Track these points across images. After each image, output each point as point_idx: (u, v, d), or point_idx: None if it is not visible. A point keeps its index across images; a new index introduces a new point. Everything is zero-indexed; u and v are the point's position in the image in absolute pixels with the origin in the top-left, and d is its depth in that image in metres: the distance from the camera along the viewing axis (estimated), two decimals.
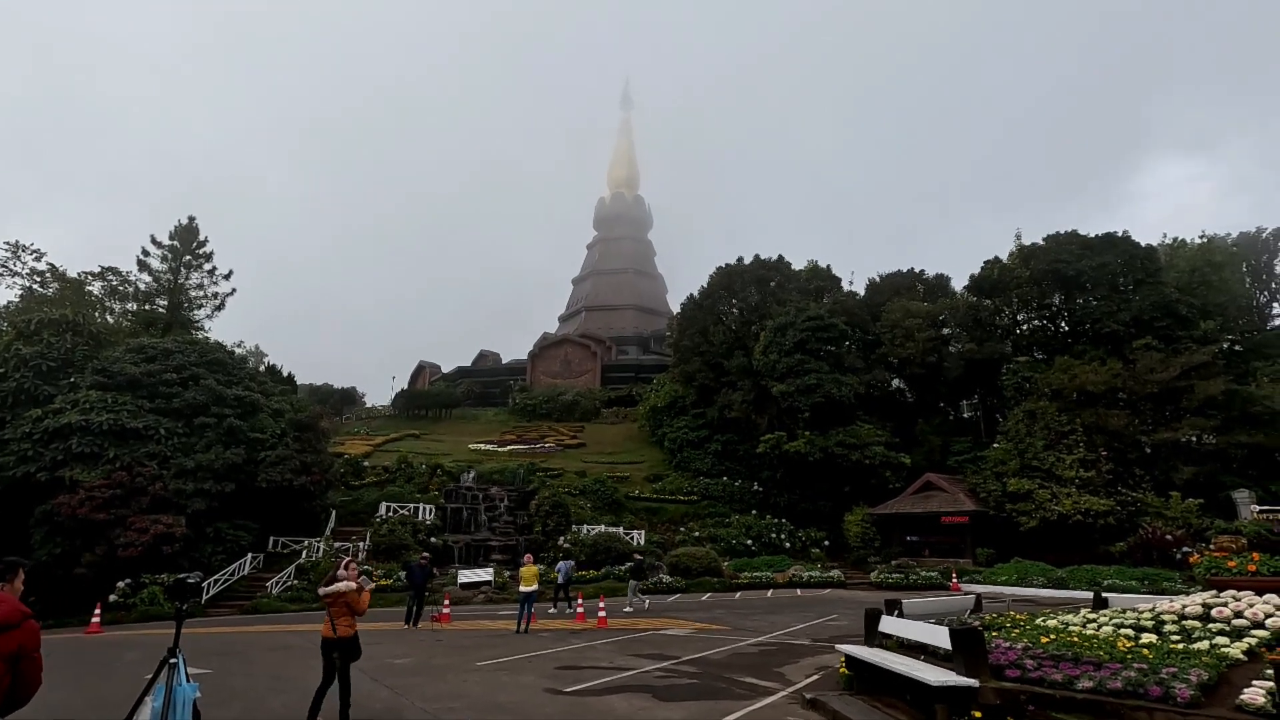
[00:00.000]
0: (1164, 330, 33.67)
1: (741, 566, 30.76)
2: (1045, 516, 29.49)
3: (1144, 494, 29.53)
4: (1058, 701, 5.92)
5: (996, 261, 41.41)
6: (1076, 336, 37.23)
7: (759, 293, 44.96)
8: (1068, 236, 37.93)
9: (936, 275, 47.05)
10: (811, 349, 37.76)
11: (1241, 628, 6.90)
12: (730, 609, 20.83)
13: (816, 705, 8.04)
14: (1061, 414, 31.98)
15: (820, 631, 15.34)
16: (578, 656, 12.21)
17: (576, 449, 49.23)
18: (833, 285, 46.48)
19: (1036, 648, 6.92)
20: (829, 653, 12.32)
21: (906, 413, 42.52)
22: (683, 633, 15.47)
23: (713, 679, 10.02)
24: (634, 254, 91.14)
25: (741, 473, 41.50)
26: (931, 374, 40.71)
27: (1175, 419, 31.38)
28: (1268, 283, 53.47)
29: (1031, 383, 34.80)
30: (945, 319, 41.53)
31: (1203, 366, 31.48)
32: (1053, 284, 37.47)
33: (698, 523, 36.77)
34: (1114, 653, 6.49)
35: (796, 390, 36.63)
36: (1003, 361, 38.39)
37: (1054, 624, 8.34)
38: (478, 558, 29.76)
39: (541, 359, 71.75)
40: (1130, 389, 31.68)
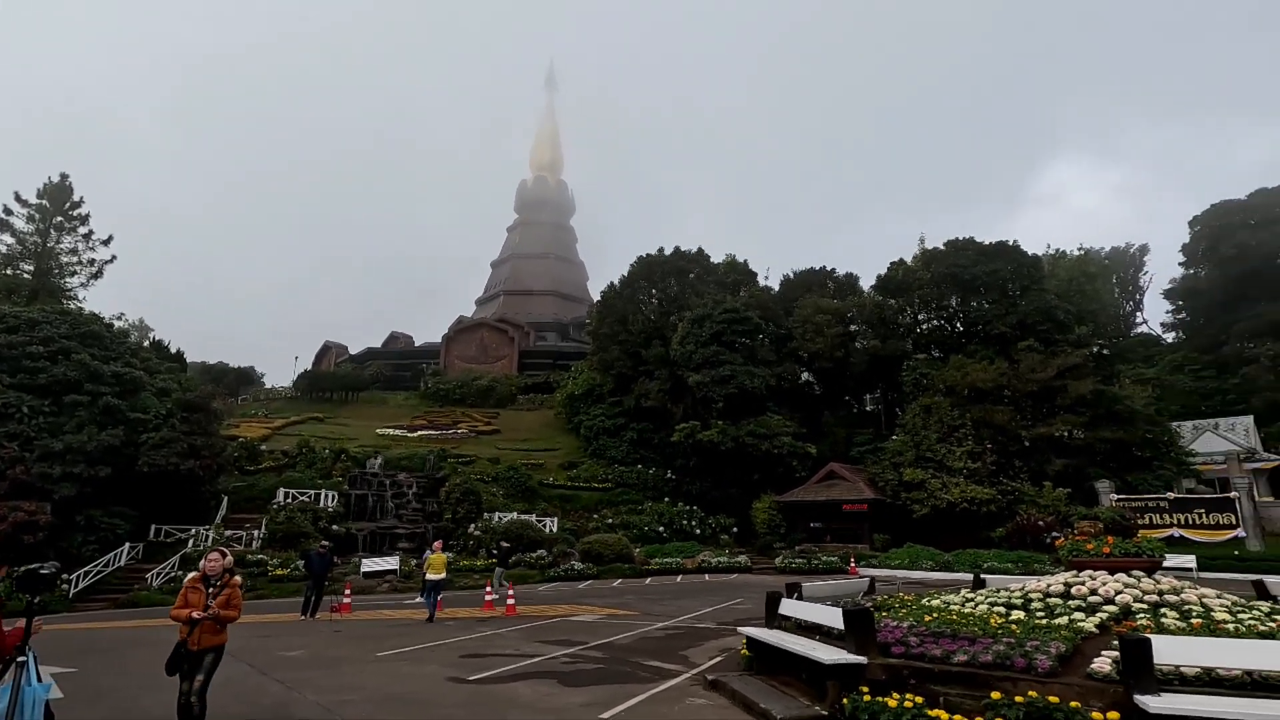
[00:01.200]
0: (1044, 334, 36.52)
1: (653, 553, 31.21)
2: (936, 504, 31.45)
3: (1022, 484, 32.00)
4: (935, 675, 6.35)
5: (901, 263, 43.67)
6: (970, 337, 39.78)
7: (678, 284, 45.54)
8: (965, 243, 40.40)
9: (846, 274, 49.10)
10: (727, 341, 38.62)
11: (1095, 604, 7.60)
12: (640, 594, 21.11)
13: (717, 686, 8.27)
14: (954, 409, 34.13)
15: (725, 615, 15.78)
16: (484, 644, 12.05)
17: (491, 435, 48.43)
18: (749, 280, 47.66)
19: (920, 626, 7.37)
20: (732, 635, 12.70)
21: (814, 405, 44.27)
22: (592, 618, 15.55)
23: (619, 663, 10.13)
24: (555, 239, 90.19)
25: (656, 461, 42.05)
26: (839, 368, 42.53)
27: (1051, 415, 34.13)
28: (1133, 293, 59.14)
29: (929, 379, 36.95)
30: (853, 316, 43.41)
31: (1075, 368, 34.36)
32: (950, 287, 39.87)
33: (611, 510, 37.01)
34: (987, 629, 7.01)
35: (712, 381, 37.40)
36: (904, 358, 40.55)
37: (937, 604, 8.91)
38: (383, 546, 28.80)
39: (456, 343, 69.96)
40: (1014, 387, 34.20)
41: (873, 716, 6.17)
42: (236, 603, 6.27)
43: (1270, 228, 43.27)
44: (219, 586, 6.18)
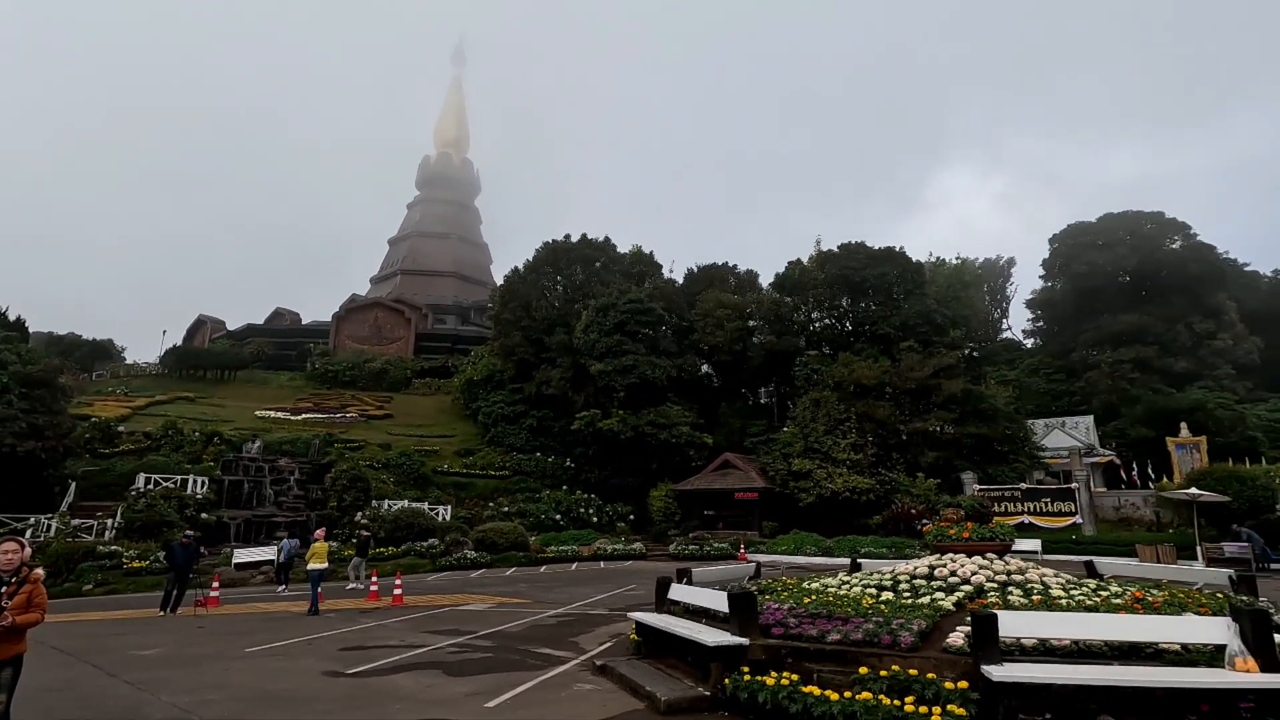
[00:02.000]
0: (924, 336, 39.22)
1: (549, 541, 31.09)
2: (821, 493, 33.17)
3: (898, 474, 34.32)
4: (811, 653, 6.71)
5: (798, 263, 45.52)
6: (858, 336, 42.08)
7: (584, 272, 45.37)
8: (856, 246, 42.64)
9: (747, 271, 50.56)
10: (630, 331, 38.90)
11: (954, 584, 8.28)
12: (534, 582, 20.98)
13: (605, 671, 8.36)
14: (841, 403, 36.03)
15: (618, 602, 15.96)
16: (365, 636, 11.58)
17: (383, 420, 46.47)
18: (654, 271, 48.14)
19: (799, 608, 7.75)
20: (623, 621, 12.84)
21: (712, 396, 45.42)
22: (483, 607, 15.29)
23: (508, 651, 10.02)
24: (458, 219, 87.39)
25: (555, 449, 41.86)
26: (737, 361, 43.84)
27: (926, 412, 36.75)
28: (1000, 302, 64.57)
29: (819, 375, 38.80)
30: (752, 312, 44.82)
31: (949, 369, 37.16)
32: (842, 288, 41.98)
33: (508, 498, 36.53)
34: (859, 609, 7.47)
35: (614, 370, 37.59)
36: (797, 354, 42.34)
37: (816, 586, 9.40)
38: (259, 535, 27.02)
39: (349, 322, 66.52)
40: (895, 384, 36.54)
41: (752, 695, 6.43)
42: (40, 602, 5.13)
43: (1113, 249, 48.46)
44: (15, 584, 5.03)
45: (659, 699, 6.80)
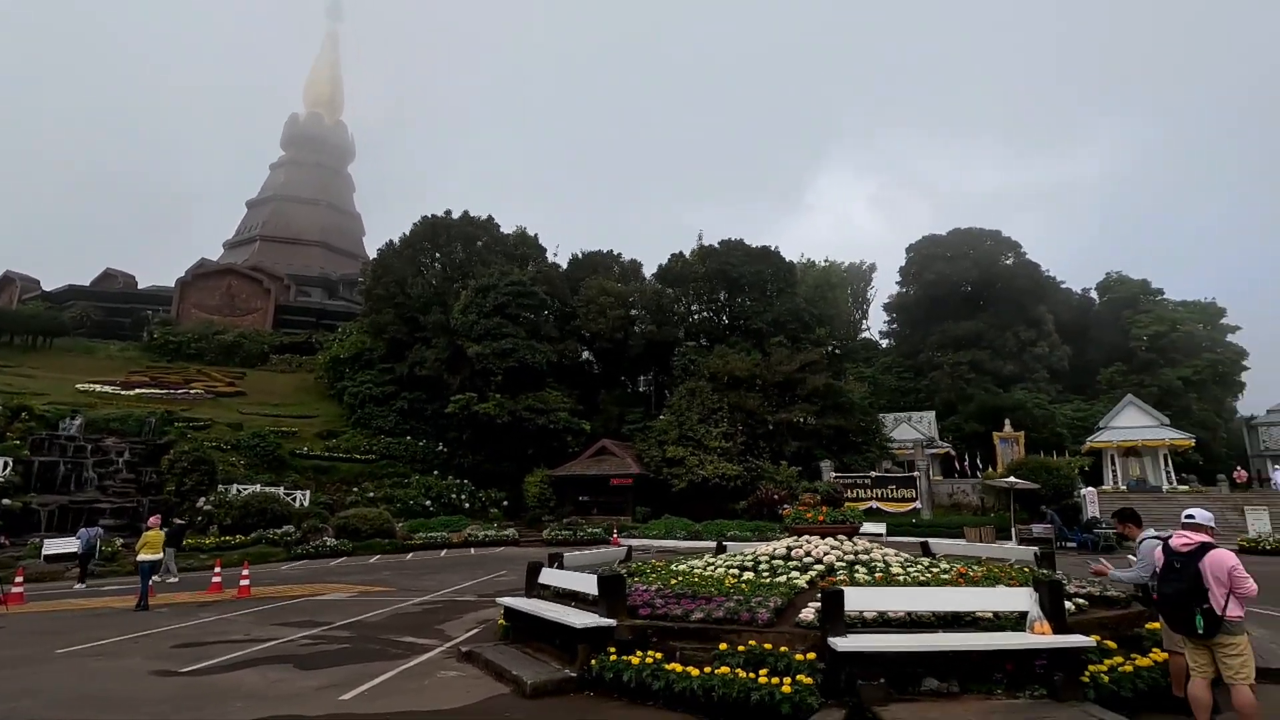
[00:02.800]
0: (793, 332, 41.50)
1: (417, 527, 30.02)
2: (693, 479, 34.34)
3: (764, 462, 36.20)
4: (676, 632, 6.96)
5: (681, 256, 46.57)
6: (733, 329, 43.81)
7: (465, 250, 43.94)
8: (736, 244, 44.28)
9: (631, 260, 51.10)
10: (511, 314, 38.20)
11: (808, 564, 8.90)
12: (399, 570, 20.21)
13: (471, 657, 8.23)
14: (714, 394, 37.42)
15: (488, 588, 15.73)
16: (204, 631, 10.66)
17: (234, 398, 42.71)
18: (538, 254, 47.48)
19: (666, 589, 8.01)
20: (493, 607, 12.66)
21: (592, 383, 45.63)
22: (342, 597, 14.53)
23: (368, 641, 9.60)
24: (329, 185, 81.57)
25: (428, 432, 40.40)
26: (618, 349, 44.27)
27: (791, 403, 38.98)
28: (861, 304, 69.43)
29: (696, 365, 40.03)
30: (634, 301, 45.38)
31: (814, 364, 39.59)
32: (721, 283, 43.49)
33: (374, 483, 34.85)
34: (722, 588, 7.84)
35: (492, 353, 36.78)
36: (676, 345, 43.44)
37: (683, 568, 9.75)
38: (78, 523, 23.99)
39: (197, 289, 60.42)
40: (764, 377, 38.41)
41: (617, 674, 6.58)
42: None
43: (959, 261, 53.57)
44: None
45: (524, 682, 6.79)
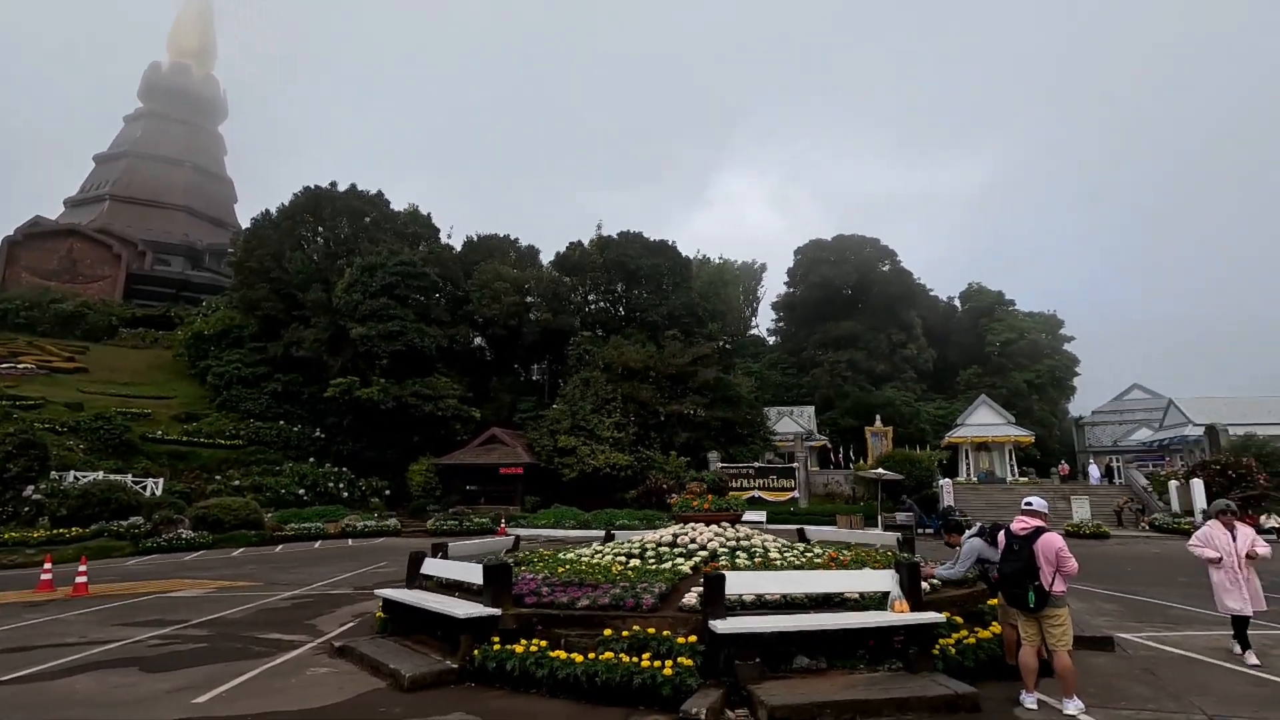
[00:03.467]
0: (686, 326, 42.44)
1: (289, 518, 28.20)
2: (584, 469, 34.43)
3: (654, 452, 36.88)
4: (561, 619, 6.96)
5: (579, 245, 46.34)
6: (629, 321, 44.18)
7: (351, 225, 41.57)
8: (634, 236, 44.63)
9: (529, 246, 50.30)
10: (400, 295, 36.61)
11: (693, 550, 9.16)
12: (267, 563, 18.91)
13: (344, 652, 7.85)
14: (608, 384, 37.66)
15: (366, 580, 15.05)
16: (33, 634, 9.50)
17: (73, 375, 38.29)
18: (431, 234, 45.76)
19: (553, 577, 7.98)
20: (370, 600, 12.15)
21: (484, 369, 44.63)
22: (198, 593, 13.41)
23: (229, 640, 8.93)
24: (195, 144, 74.43)
25: (304, 417, 38.05)
26: (512, 336, 43.51)
27: (683, 396, 39.90)
28: (751, 302, 72.07)
29: (591, 355, 40.08)
30: (530, 288, 44.73)
31: (705, 358, 40.69)
32: (618, 274, 43.70)
33: (241, 470, 32.44)
34: (609, 575, 7.92)
35: (378, 335, 35.11)
36: (571, 334, 43.26)
37: (571, 556, 9.76)
38: None
39: (30, 250, 53.52)
40: (658, 369, 39.06)
41: (500, 664, 6.51)
42: None
43: (841, 266, 56.80)
44: None
45: (402, 676, 6.57)
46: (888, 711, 5.62)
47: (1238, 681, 6.68)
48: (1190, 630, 9.21)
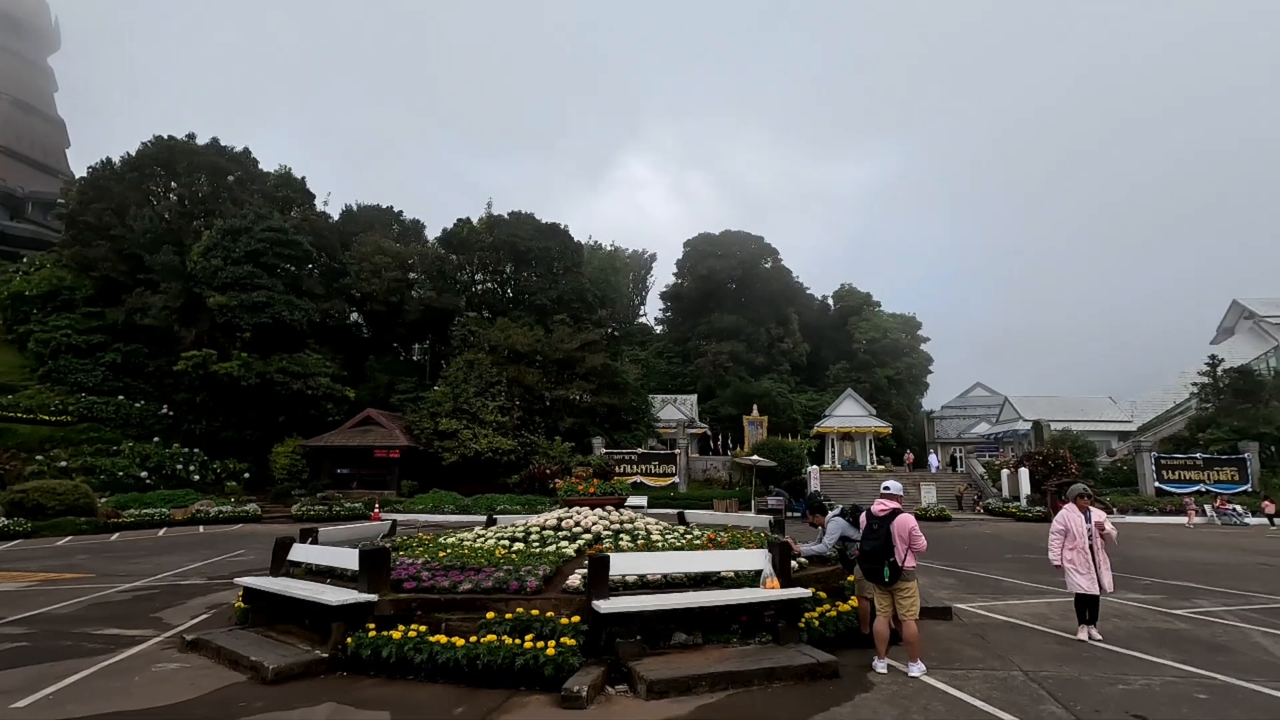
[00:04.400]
0: (576, 311, 42.35)
1: (128, 503, 25.55)
2: (465, 453, 33.61)
3: (539, 437, 36.65)
4: (442, 604, 6.82)
5: (467, 222, 44.94)
6: (517, 303, 43.48)
7: (211, 183, 37.90)
8: (526, 217, 43.86)
9: (413, 220, 48.19)
10: (268, 263, 33.91)
11: (578, 533, 9.25)
12: (101, 553, 17.03)
13: (198, 646, 7.26)
14: (494, 367, 36.91)
15: (221, 569, 13.95)
16: None
17: None
18: (305, 200, 42.66)
19: (434, 561, 7.78)
20: (227, 590, 11.34)
21: (360, 347, 42.39)
22: (15, 586, 11.86)
23: (55, 638, 7.99)
24: (19, 76, 64.83)
25: (148, 392, 34.48)
26: (392, 314, 41.55)
27: (569, 381, 39.88)
28: (640, 290, 72.97)
29: (476, 337, 39.08)
30: (414, 264, 42.90)
31: (594, 344, 40.86)
32: (508, 255, 42.83)
33: (69, 450, 28.98)
34: (492, 559, 7.83)
35: (241, 305, 32.37)
36: (456, 314, 41.95)
37: (452, 541, 9.54)
38: None
39: None
40: (545, 353, 38.78)
41: (375, 651, 6.28)
42: None
43: (727, 260, 58.76)
44: None
45: (265, 667, 6.18)
46: (758, 681, 5.99)
47: (1048, 642, 7.70)
48: (1014, 600, 10.47)
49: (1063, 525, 7.88)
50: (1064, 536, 7.82)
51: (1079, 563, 7.68)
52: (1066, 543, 7.79)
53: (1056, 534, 7.90)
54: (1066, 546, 7.78)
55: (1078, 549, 7.70)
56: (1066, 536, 7.80)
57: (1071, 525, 7.81)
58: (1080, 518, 7.83)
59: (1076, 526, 7.78)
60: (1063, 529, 7.85)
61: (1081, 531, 7.73)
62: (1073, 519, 7.85)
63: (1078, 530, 7.75)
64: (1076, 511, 7.89)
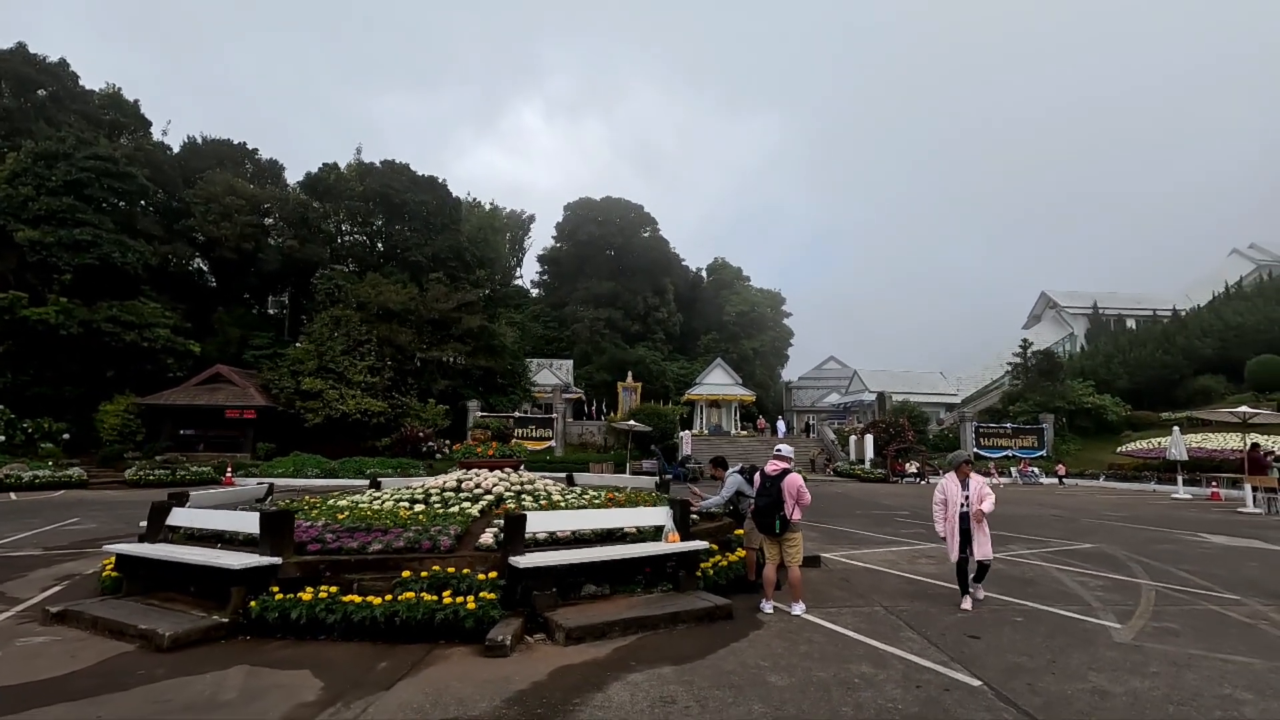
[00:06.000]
0: (453, 270, 40.97)
1: None
2: (331, 414, 31.85)
3: (410, 399, 35.41)
4: (352, 565, 6.77)
5: (335, 168, 41.80)
6: (389, 259, 41.30)
7: (17, 96, 32.51)
8: (401, 168, 41.51)
9: (270, 160, 44.02)
10: (93, 196, 29.84)
11: (479, 495, 9.35)
12: None
13: (66, 617, 6.71)
14: (363, 324, 35.03)
15: (56, 539, 12.59)
16: None
17: None
18: (139, 126, 37.70)
19: (335, 524, 7.64)
20: (74, 561, 10.37)
21: (207, 298, 38.57)
22: None
23: None
24: None
25: None
26: (245, 262, 38.05)
27: (444, 342, 38.70)
28: (518, 252, 71.64)
29: (343, 292, 36.78)
30: (272, 209, 39.38)
31: (471, 304, 39.82)
32: (380, 206, 40.43)
33: None
34: (398, 520, 7.81)
35: (60, 243, 28.36)
36: (320, 266, 39.17)
37: (345, 503, 9.31)
38: None
39: None
40: (419, 312, 37.30)
41: (283, 613, 6.17)
42: None
43: (607, 226, 59.06)
44: None
45: (160, 635, 5.88)
46: (664, 624, 6.57)
47: (901, 584, 8.96)
48: (868, 549, 11.92)
49: (941, 495, 7.74)
50: (944, 507, 7.69)
51: (950, 532, 7.57)
52: (945, 513, 7.66)
53: (937, 504, 7.76)
54: (944, 517, 7.67)
55: (949, 518, 7.60)
56: (946, 506, 7.67)
57: (949, 495, 7.66)
58: (957, 486, 7.65)
59: (952, 496, 7.63)
60: (942, 499, 7.72)
61: (955, 501, 7.58)
62: (950, 488, 7.68)
63: (952, 500, 7.61)
64: (954, 480, 7.70)
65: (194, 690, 4.95)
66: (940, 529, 7.73)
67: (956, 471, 7.77)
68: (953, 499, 7.61)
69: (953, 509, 7.58)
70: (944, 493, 7.72)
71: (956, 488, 7.65)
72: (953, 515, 7.56)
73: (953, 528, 7.53)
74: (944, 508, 7.69)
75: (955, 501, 7.58)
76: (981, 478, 7.78)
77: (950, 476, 7.77)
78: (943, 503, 7.71)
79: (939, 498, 7.77)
